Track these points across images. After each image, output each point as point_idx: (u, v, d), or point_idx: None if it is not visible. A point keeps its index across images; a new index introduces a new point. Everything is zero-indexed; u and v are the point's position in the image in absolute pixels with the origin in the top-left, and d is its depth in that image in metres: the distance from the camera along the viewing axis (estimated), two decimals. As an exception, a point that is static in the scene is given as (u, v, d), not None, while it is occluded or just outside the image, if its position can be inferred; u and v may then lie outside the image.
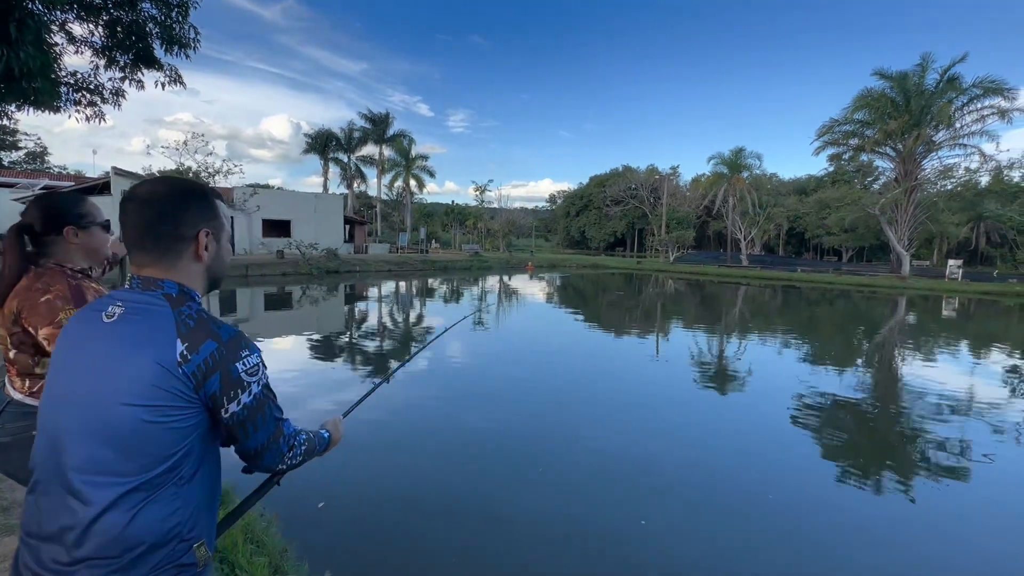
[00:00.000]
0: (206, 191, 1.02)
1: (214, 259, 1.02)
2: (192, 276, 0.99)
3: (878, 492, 4.26)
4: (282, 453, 1.03)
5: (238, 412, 0.92)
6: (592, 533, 3.43)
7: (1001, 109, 26.35)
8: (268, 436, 0.98)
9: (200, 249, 0.98)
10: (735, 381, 7.71)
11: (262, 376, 0.96)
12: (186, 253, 0.97)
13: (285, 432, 1.03)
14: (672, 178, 55.07)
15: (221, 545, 2.41)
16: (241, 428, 0.94)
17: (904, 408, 6.56)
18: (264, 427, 0.97)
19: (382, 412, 5.76)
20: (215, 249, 1.02)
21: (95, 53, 7.16)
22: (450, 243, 52.97)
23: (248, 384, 0.92)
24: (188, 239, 0.97)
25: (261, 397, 0.95)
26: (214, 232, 1.01)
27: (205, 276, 1.03)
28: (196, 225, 0.97)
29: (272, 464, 1.03)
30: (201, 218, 0.98)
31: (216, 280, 1.06)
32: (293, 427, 1.07)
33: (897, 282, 27.01)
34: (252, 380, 0.93)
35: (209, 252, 1.00)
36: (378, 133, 44.16)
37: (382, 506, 3.68)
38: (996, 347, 11.32)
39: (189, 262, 0.98)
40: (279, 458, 1.03)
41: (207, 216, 1.00)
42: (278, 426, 1.01)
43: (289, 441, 1.04)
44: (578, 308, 16.94)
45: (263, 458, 1.01)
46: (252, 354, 0.94)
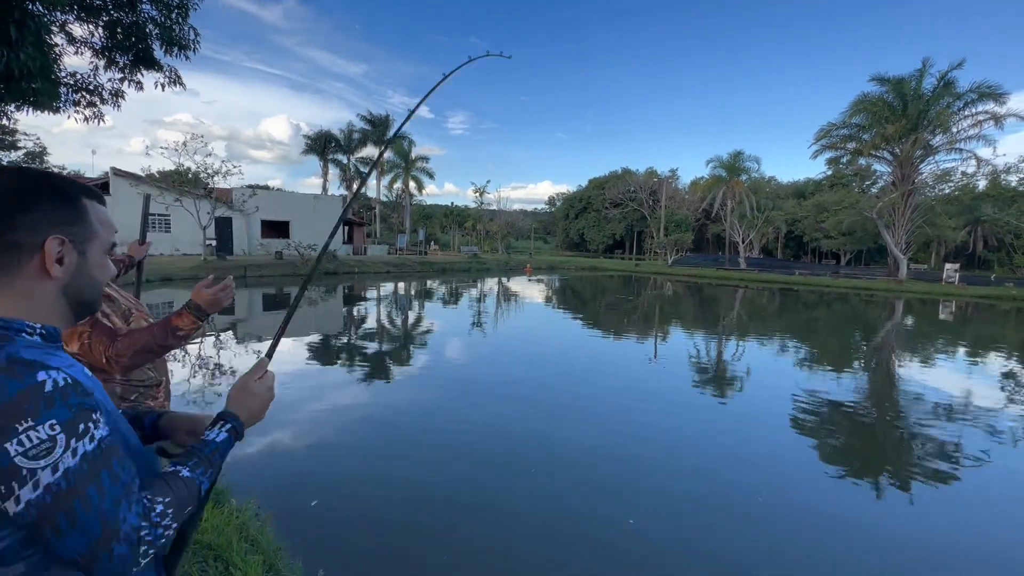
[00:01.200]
0: (63, 186, 0.78)
1: (75, 276, 0.78)
2: (34, 300, 0.75)
3: (871, 495, 4.28)
4: (121, 558, 0.69)
5: (21, 513, 0.64)
6: (580, 533, 3.45)
7: (995, 115, 26.53)
8: (85, 544, 0.67)
9: (47, 262, 0.73)
10: (731, 384, 7.73)
11: (63, 455, 0.66)
12: (25, 268, 0.73)
13: (122, 530, 0.68)
14: (671, 181, 55.21)
15: (215, 542, 2.43)
16: (38, 531, 0.66)
17: (900, 411, 6.59)
18: (76, 530, 0.66)
19: (378, 410, 5.77)
20: (75, 262, 0.77)
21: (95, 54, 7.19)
22: (449, 245, 52.97)
23: (29, 472, 0.64)
24: (26, 248, 0.73)
25: (62, 488, 0.65)
26: (74, 240, 0.77)
27: (61, 299, 0.78)
28: (40, 230, 0.73)
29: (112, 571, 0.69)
30: (49, 221, 0.74)
31: (84, 304, 0.82)
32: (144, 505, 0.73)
33: (894, 285, 27.09)
34: (38, 465, 0.64)
35: (65, 267, 0.76)
36: (378, 135, 44.23)
37: (376, 504, 3.69)
38: (993, 351, 11.36)
39: (30, 280, 0.74)
40: (122, 565, 0.69)
41: (61, 219, 0.75)
42: (106, 526, 0.67)
43: (132, 537, 0.69)
44: (576, 310, 16.96)
45: (92, 570, 0.68)
46: (40, 423, 0.64)
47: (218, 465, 0.88)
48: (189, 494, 0.81)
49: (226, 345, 9.18)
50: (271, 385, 1.02)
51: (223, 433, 0.90)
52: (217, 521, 2.62)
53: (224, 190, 26.12)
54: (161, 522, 0.74)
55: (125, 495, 0.71)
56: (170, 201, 22.01)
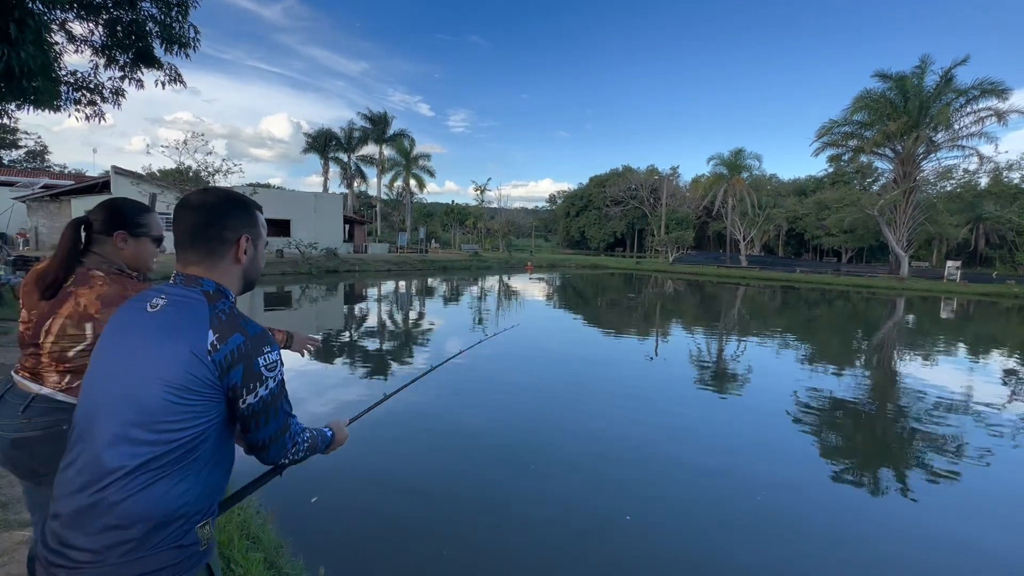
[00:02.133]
0: (248, 202, 1.13)
1: (251, 262, 1.13)
2: (230, 277, 1.09)
3: (873, 492, 4.28)
4: (286, 448, 1.10)
5: (254, 403, 0.99)
6: (578, 529, 3.46)
7: (998, 111, 26.43)
8: (277, 430, 1.05)
9: (240, 252, 1.08)
10: (731, 381, 7.73)
11: (279, 373, 1.03)
12: (227, 255, 1.07)
13: (292, 428, 1.10)
14: (672, 179, 55.12)
15: (217, 540, 2.43)
16: (254, 419, 1.01)
17: (902, 409, 6.59)
18: (275, 420, 1.04)
19: (378, 409, 5.77)
20: (252, 254, 1.12)
21: (95, 52, 7.17)
22: (450, 243, 52.95)
23: (266, 378, 1.00)
24: (230, 243, 1.07)
25: (276, 392, 1.02)
26: (253, 238, 1.12)
27: (241, 278, 1.13)
28: (238, 230, 1.08)
29: (276, 457, 1.10)
30: (243, 224, 1.09)
31: (251, 282, 1.17)
32: (299, 425, 1.14)
33: (896, 283, 27.05)
34: (270, 375, 1.00)
35: (247, 256, 1.10)
36: (378, 133, 44.18)
37: (375, 500, 3.70)
38: (994, 348, 11.35)
39: (229, 264, 1.08)
40: (283, 452, 1.10)
41: (248, 223, 1.11)
42: (287, 422, 1.08)
43: (294, 437, 1.11)
44: (577, 308, 16.96)
45: (269, 451, 1.07)
46: (273, 351, 1.01)
47: (316, 448, 1.22)
48: (312, 444, 1.19)
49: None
50: (346, 436, 1.41)
51: (329, 431, 1.30)
52: (219, 518, 2.62)
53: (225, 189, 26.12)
54: (304, 442, 1.16)
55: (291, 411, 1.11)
56: (171, 200, 22.00)
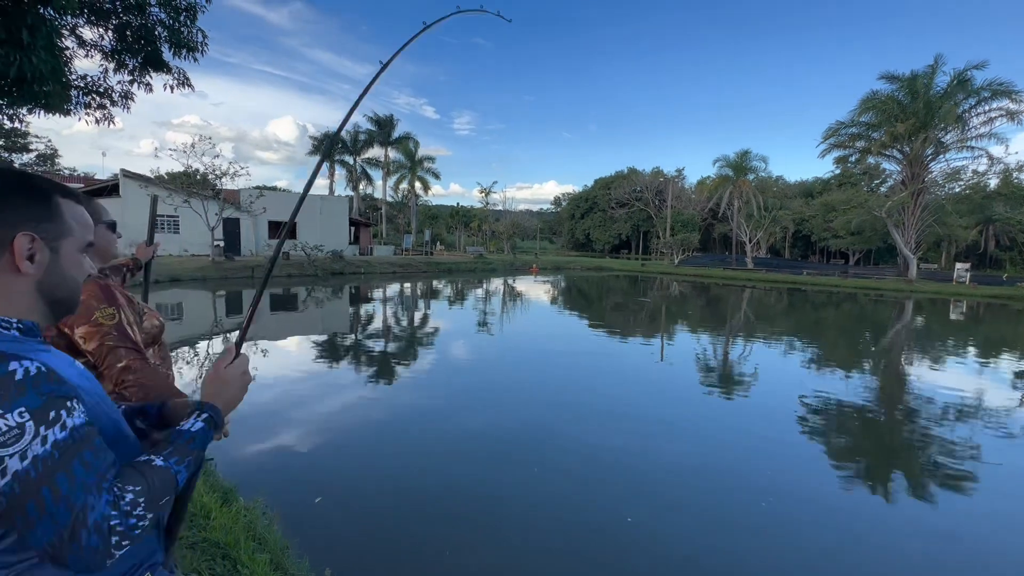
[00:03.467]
0: (36, 183, 0.79)
1: (47, 273, 0.78)
2: (9, 296, 0.75)
3: (881, 499, 4.24)
4: (93, 549, 0.67)
5: None
6: (580, 530, 3.45)
7: (1010, 111, 26.20)
8: (55, 531, 0.66)
9: (18, 259, 0.74)
10: (737, 384, 7.68)
11: (30, 444, 0.65)
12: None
13: (90, 520, 0.67)
14: (677, 180, 54.98)
15: (223, 541, 2.44)
16: (9, 520, 0.67)
17: (911, 412, 6.53)
18: (45, 519, 0.66)
19: (382, 411, 5.79)
20: (47, 260, 0.78)
21: (104, 56, 7.27)
22: (454, 245, 53.06)
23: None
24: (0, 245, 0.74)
25: (31, 476, 0.65)
26: (46, 237, 0.77)
27: (36, 296, 0.78)
28: (10, 227, 0.74)
29: (83, 566, 0.69)
30: (21, 218, 0.75)
31: (59, 302, 0.82)
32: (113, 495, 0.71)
33: (904, 285, 26.81)
34: (6, 453, 0.64)
35: (37, 263, 0.76)
36: (384, 135, 44.41)
37: (380, 503, 3.70)
38: (1005, 351, 11.22)
39: (3, 276, 0.75)
40: (93, 555, 0.68)
41: (34, 216, 0.76)
42: (74, 515, 0.66)
43: (102, 528, 0.68)
44: (582, 310, 16.94)
45: (63, 561, 0.68)
46: (8, 412, 0.65)
47: (196, 454, 0.85)
48: (163, 483, 0.77)
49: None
50: (245, 369, 1.00)
51: (199, 423, 0.88)
52: (225, 520, 2.64)
53: (232, 191, 26.34)
54: (132, 511, 0.71)
55: (97, 484, 0.69)
56: (179, 202, 22.20)
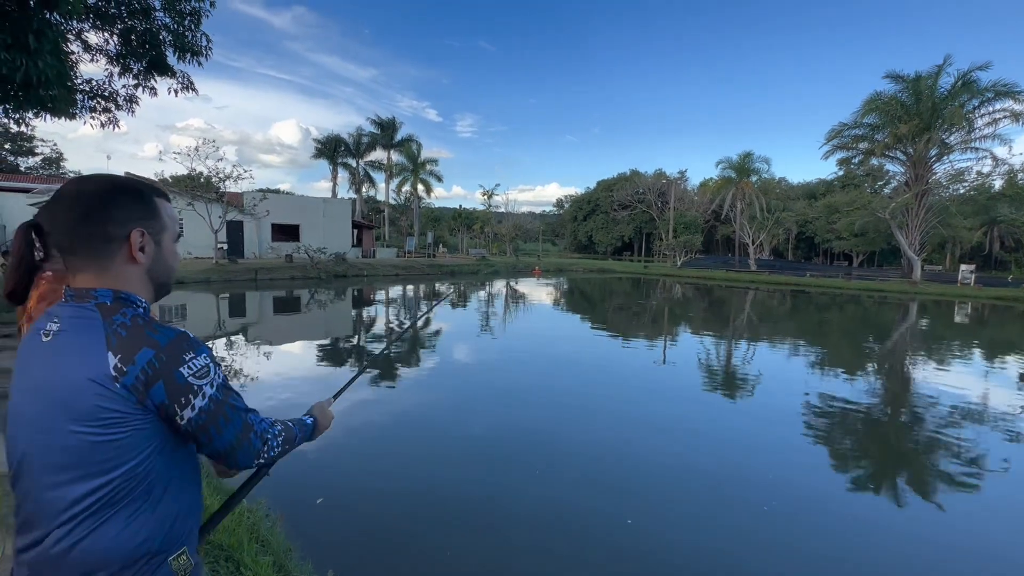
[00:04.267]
0: (140, 188, 0.95)
1: (154, 262, 0.95)
2: (130, 280, 0.92)
3: (885, 504, 4.22)
4: (256, 449, 0.97)
5: (195, 417, 0.87)
6: (582, 532, 3.45)
7: (1014, 112, 26.10)
8: (235, 435, 0.92)
9: (134, 250, 0.90)
10: (741, 386, 7.66)
11: (214, 376, 0.90)
12: (118, 255, 0.90)
13: (255, 427, 0.96)
14: (680, 182, 54.87)
15: (226, 543, 2.45)
16: (203, 432, 0.89)
17: (916, 415, 6.49)
18: (229, 427, 0.91)
19: (385, 413, 5.80)
20: (153, 251, 0.94)
21: (110, 61, 7.32)
22: (457, 248, 53.10)
23: (199, 388, 0.86)
24: (119, 240, 0.89)
25: (218, 398, 0.89)
26: (151, 232, 0.93)
27: (146, 280, 0.95)
28: (127, 224, 0.90)
29: (247, 462, 0.97)
30: (133, 216, 0.91)
31: (162, 285, 0.99)
32: (264, 420, 1.01)
33: (908, 287, 26.69)
34: (202, 383, 0.87)
35: (146, 254, 0.92)
36: (386, 138, 44.53)
37: (382, 504, 3.71)
38: (1011, 353, 11.15)
39: (123, 265, 0.91)
40: (253, 454, 0.97)
41: (141, 214, 0.92)
42: (245, 423, 0.94)
43: (262, 435, 0.98)
44: (585, 312, 16.91)
45: (235, 457, 0.95)
46: (198, 355, 0.88)
47: (298, 438, 1.12)
48: (287, 435, 1.07)
49: (236, 348, 9.27)
50: (332, 417, 1.33)
51: (309, 419, 1.20)
52: (228, 522, 2.64)
53: (235, 194, 26.44)
54: (277, 436, 1.03)
55: (248, 408, 0.97)
56: (182, 205, 22.29)
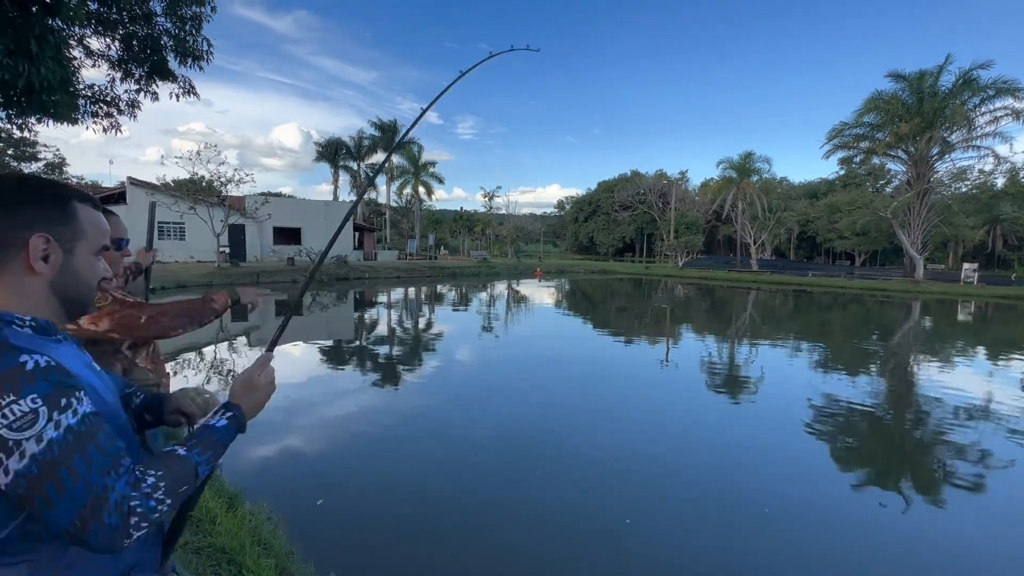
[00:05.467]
0: (54, 189, 0.83)
1: (60, 274, 0.82)
2: (24, 294, 0.79)
3: (889, 506, 4.20)
4: (112, 528, 0.70)
5: (11, 484, 0.67)
6: (583, 533, 3.45)
7: (1015, 110, 26.05)
8: (74, 511, 0.68)
9: (32, 259, 0.78)
10: (743, 387, 7.64)
11: (44, 428, 0.68)
12: (12, 264, 0.78)
13: (110, 498, 0.70)
14: (681, 183, 54.89)
15: (229, 546, 2.45)
16: (28, 503, 0.68)
17: (920, 415, 6.47)
18: (63, 500, 0.68)
19: (387, 416, 5.80)
20: (61, 261, 0.81)
21: (111, 66, 7.35)
22: (458, 249, 53.15)
23: (14, 444, 0.67)
24: (15, 246, 0.78)
25: (47, 458, 0.68)
26: (59, 239, 0.81)
27: (50, 295, 0.82)
28: (28, 228, 0.78)
29: (104, 547, 0.70)
30: (37, 220, 0.79)
31: (73, 302, 0.85)
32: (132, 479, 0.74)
33: (911, 286, 26.62)
34: (22, 437, 0.67)
35: (49, 264, 0.80)
36: (387, 141, 44.58)
37: (383, 506, 3.70)
38: (1015, 352, 11.10)
39: (18, 275, 0.78)
40: (108, 536, 0.70)
41: (48, 219, 0.80)
42: (93, 493, 0.69)
43: (119, 508, 0.70)
44: (586, 314, 16.91)
45: (84, 542, 0.70)
46: (21, 399, 0.68)
47: (219, 449, 0.88)
48: (184, 472, 0.80)
49: (237, 350, 9.29)
50: (272, 379, 1.05)
51: (223, 420, 0.91)
52: (230, 524, 2.64)
53: (237, 198, 26.54)
54: (153, 494, 0.74)
55: (113, 466, 0.73)
56: (185, 209, 22.37)
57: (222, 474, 3.43)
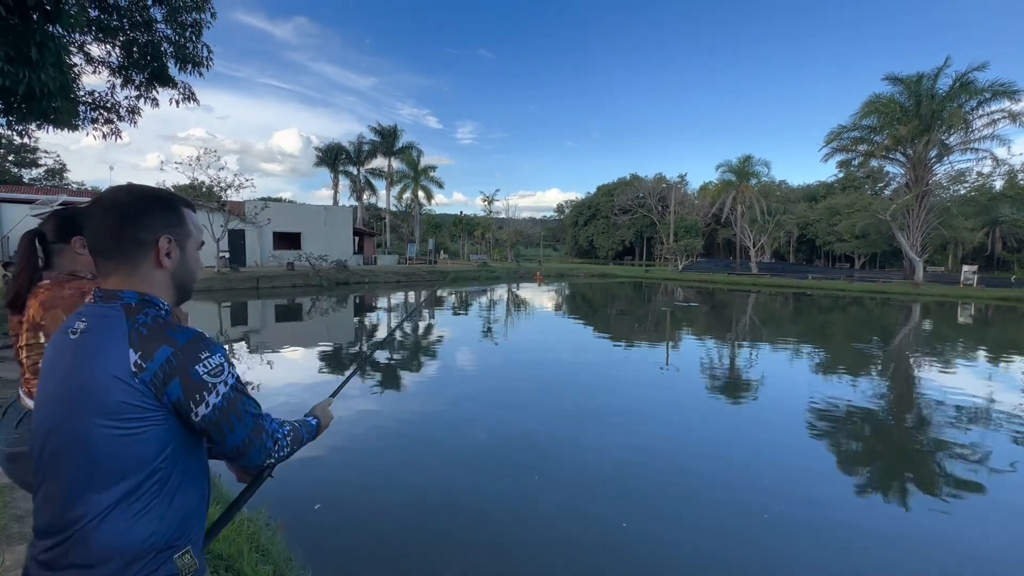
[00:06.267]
0: (171, 198, 1.02)
1: (178, 267, 1.01)
2: (155, 284, 0.98)
3: (888, 511, 4.18)
4: (266, 448, 1.01)
5: (208, 414, 0.91)
6: (581, 539, 3.43)
7: (1012, 113, 26.14)
8: (247, 433, 0.96)
9: (161, 256, 0.97)
10: (743, 390, 7.62)
11: (228, 375, 0.94)
12: (146, 260, 0.96)
13: (266, 427, 1.01)
14: (680, 186, 54.95)
15: (226, 552, 2.44)
16: (216, 429, 0.93)
17: (922, 418, 6.45)
18: (241, 425, 0.95)
19: (386, 420, 5.78)
20: (179, 256, 1.00)
21: (112, 73, 7.38)
22: (458, 254, 53.19)
23: (213, 385, 0.91)
24: (148, 245, 0.96)
25: (231, 396, 0.93)
26: (177, 239, 1.00)
27: (171, 284, 1.01)
28: (157, 231, 0.96)
29: (258, 461, 1.01)
30: (162, 224, 0.97)
31: (184, 289, 1.05)
32: (275, 421, 1.06)
33: (911, 288, 26.61)
34: (217, 380, 0.91)
35: (172, 259, 0.99)
36: (387, 146, 44.75)
37: (382, 512, 3.69)
38: (1015, 354, 11.09)
39: (151, 269, 0.97)
40: (263, 454, 1.01)
41: (169, 222, 0.99)
42: (257, 422, 0.99)
43: (272, 435, 1.02)
44: (586, 318, 16.89)
45: (247, 456, 0.99)
46: (213, 355, 0.92)
47: (304, 439, 1.17)
48: (295, 435, 1.12)
49: (238, 355, 9.27)
50: (332, 417, 1.38)
51: (312, 420, 1.25)
52: (228, 531, 2.63)
53: (237, 203, 26.54)
54: (285, 436, 1.08)
55: (260, 410, 1.02)
56: (185, 215, 22.35)
57: (221, 480, 3.41)
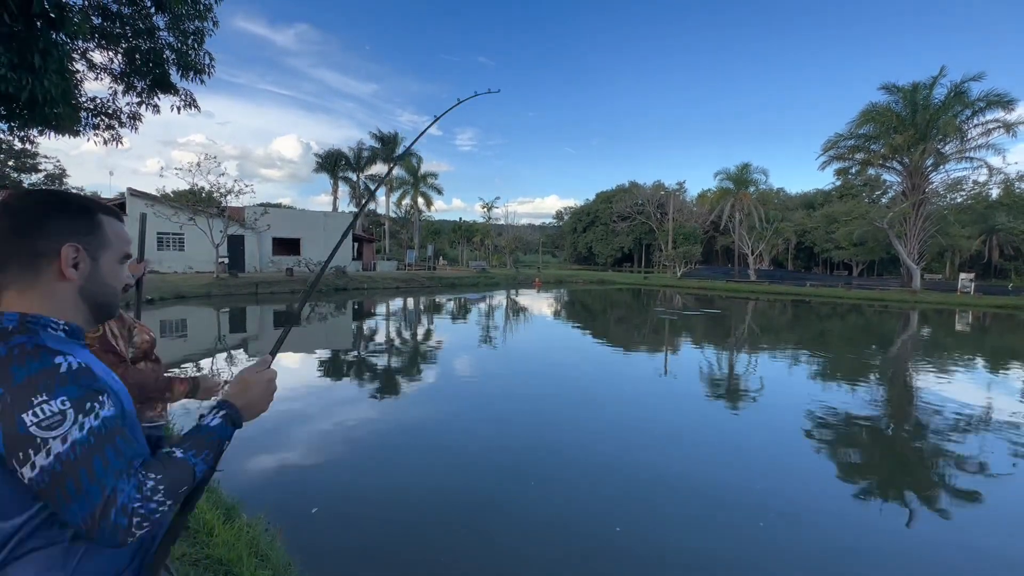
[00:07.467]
0: (84, 204, 0.89)
1: (89, 280, 0.87)
2: (57, 299, 0.84)
3: (887, 521, 4.18)
4: (119, 528, 0.74)
5: (36, 479, 0.71)
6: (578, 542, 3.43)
7: (1006, 123, 26.39)
8: (88, 511, 0.72)
9: (64, 266, 0.83)
10: (740, 397, 7.63)
11: (70, 429, 0.73)
12: (47, 272, 0.83)
13: (119, 501, 0.74)
14: (678, 194, 55.23)
15: (226, 557, 2.43)
16: (49, 499, 0.73)
17: (920, 426, 6.46)
18: (80, 498, 0.72)
19: (384, 425, 5.77)
20: (89, 268, 0.87)
21: (114, 79, 7.41)
22: (457, 260, 53.24)
23: (43, 441, 0.71)
24: (48, 255, 0.83)
25: (70, 458, 0.72)
26: (88, 248, 0.86)
27: (79, 300, 0.87)
28: (59, 239, 0.83)
29: (110, 543, 0.75)
30: (68, 231, 0.84)
31: (101, 306, 0.91)
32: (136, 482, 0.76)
33: (908, 296, 26.70)
34: (50, 435, 0.71)
35: (80, 271, 0.85)
36: (387, 152, 44.93)
37: (379, 515, 3.68)
38: (1013, 362, 11.11)
39: (51, 282, 0.83)
40: (115, 536, 0.74)
41: (77, 229, 0.86)
42: (106, 496, 0.73)
43: (126, 509, 0.74)
44: (584, 324, 16.90)
45: (92, 536, 0.74)
46: (53, 400, 0.73)
47: (215, 449, 0.89)
48: (181, 473, 0.82)
49: (236, 362, 9.26)
50: (271, 379, 1.04)
51: (217, 419, 0.92)
52: (228, 536, 2.63)
53: (236, 209, 26.59)
54: (152, 496, 0.77)
55: (125, 470, 0.76)
56: (184, 220, 22.42)
57: (219, 485, 3.41)
